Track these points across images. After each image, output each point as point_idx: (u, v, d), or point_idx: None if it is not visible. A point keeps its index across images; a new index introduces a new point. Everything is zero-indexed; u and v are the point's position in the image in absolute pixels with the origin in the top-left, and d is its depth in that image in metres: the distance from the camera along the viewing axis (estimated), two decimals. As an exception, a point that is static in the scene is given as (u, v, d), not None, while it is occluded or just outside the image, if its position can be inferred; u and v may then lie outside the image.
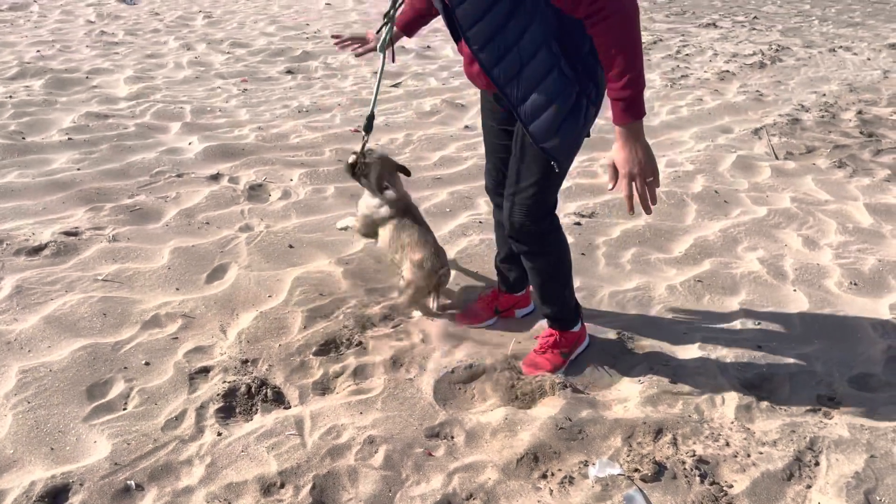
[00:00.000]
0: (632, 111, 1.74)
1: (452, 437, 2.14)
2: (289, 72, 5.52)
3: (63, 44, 5.85)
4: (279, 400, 2.27)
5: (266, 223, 3.28)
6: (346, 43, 2.73)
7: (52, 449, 2.04)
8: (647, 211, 1.81)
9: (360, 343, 2.53)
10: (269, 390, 2.29)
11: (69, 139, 4.05)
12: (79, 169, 3.71)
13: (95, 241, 3.07)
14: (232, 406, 2.23)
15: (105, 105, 4.62)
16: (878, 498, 1.95)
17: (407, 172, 2.71)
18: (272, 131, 4.32)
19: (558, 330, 2.43)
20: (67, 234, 3.10)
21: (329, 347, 2.50)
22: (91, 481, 1.92)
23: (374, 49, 2.58)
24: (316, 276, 2.89)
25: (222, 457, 2.03)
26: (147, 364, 2.39)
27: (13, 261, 2.90)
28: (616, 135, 1.78)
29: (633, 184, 1.77)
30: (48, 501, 1.88)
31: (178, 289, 2.81)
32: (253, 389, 2.29)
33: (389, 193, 2.58)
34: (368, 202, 2.65)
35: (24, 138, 4.03)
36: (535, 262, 2.35)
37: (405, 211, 2.64)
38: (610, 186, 1.85)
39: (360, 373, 2.39)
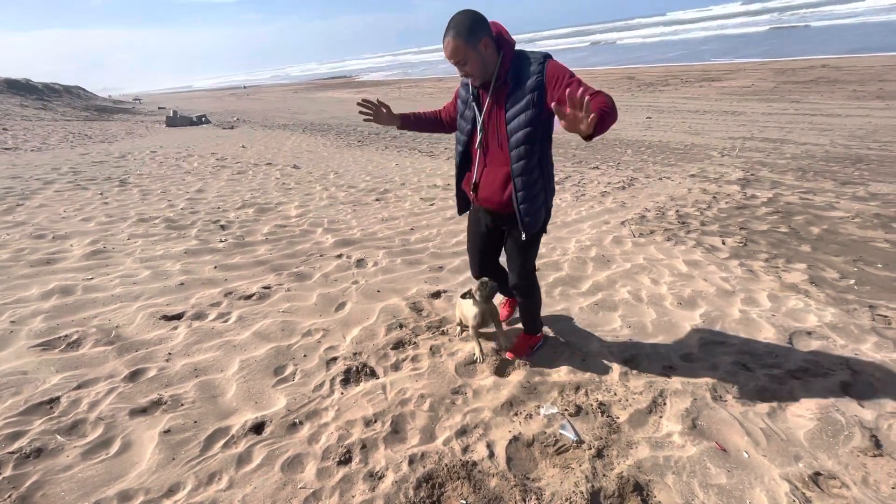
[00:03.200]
0: (600, 127, 1.41)
1: (466, 394, 2.10)
2: (377, 199, 5.60)
3: (263, 190, 6.04)
4: (373, 374, 2.24)
5: (365, 279, 3.29)
6: (367, 109, 2.09)
7: (255, 402, 2.04)
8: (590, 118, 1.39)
9: (414, 343, 2.50)
10: (367, 369, 2.27)
11: (265, 238, 4.14)
12: (271, 253, 3.78)
13: (279, 291, 3.09)
14: (348, 378, 2.21)
15: (284, 220, 4.71)
16: (700, 423, 1.88)
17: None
18: (368, 230, 4.37)
19: (531, 335, 2.34)
20: (264, 287, 3.13)
21: (398, 345, 2.47)
22: (276, 420, 1.93)
23: (382, 122, 2.08)
24: (392, 307, 2.88)
25: (343, 406, 2.02)
26: (305, 356, 2.38)
27: (238, 302, 2.94)
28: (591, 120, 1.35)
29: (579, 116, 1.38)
30: (254, 430, 1.88)
31: (320, 315, 2.80)
32: (359, 368, 2.27)
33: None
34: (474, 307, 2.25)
35: (243, 238, 4.13)
36: (528, 301, 2.20)
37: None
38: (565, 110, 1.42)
39: (415, 359, 2.36)
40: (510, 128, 1.75)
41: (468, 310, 2.30)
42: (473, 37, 1.63)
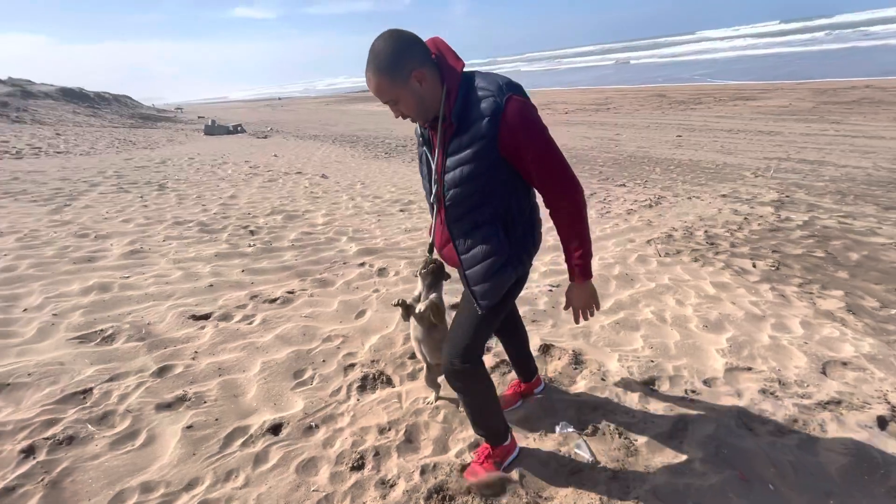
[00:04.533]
0: (584, 274, 1.40)
1: (481, 406, 2.09)
2: (401, 210, 5.68)
3: (292, 197, 6.22)
4: (389, 382, 2.26)
5: (386, 288, 3.34)
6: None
7: (274, 404, 2.09)
8: (584, 320, 1.52)
9: (433, 353, 2.52)
10: (384, 377, 2.29)
11: (292, 245, 4.25)
12: (296, 259, 3.88)
13: (302, 296, 3.16)
14: (365, 385, 2.23)
15: (310, 227, 4.83)
16: (724, 450, 1.82)
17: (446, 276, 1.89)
18: (391, 240, 4.43)
19: (491, 445, 1.70)
20: (289, 292, 3.21)
21: (413, 356, 2.50)
22: (293, 422, 1.96)
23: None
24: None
25: (359, 412, 2.04)
26: (324, 361, 2.42)
27: (262, 306, 3.02)
28: (573, 284, 1.45)
29: (580, 311, 1.48)
30: (272, 430, 1.92)
31: (340, 322, 2.85)
32: (376, 376, 2.29)
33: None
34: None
35: (271, 244, 4.26)
36: (463, 398, 1.61)
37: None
38: (565, 308, 1.54)
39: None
40: (446, 180, 1.35)
41: (414, 333, 1.87)
42: (400, 70, 1.22)
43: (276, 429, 1.91)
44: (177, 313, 2.83)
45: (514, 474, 1.68)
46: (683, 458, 1.78)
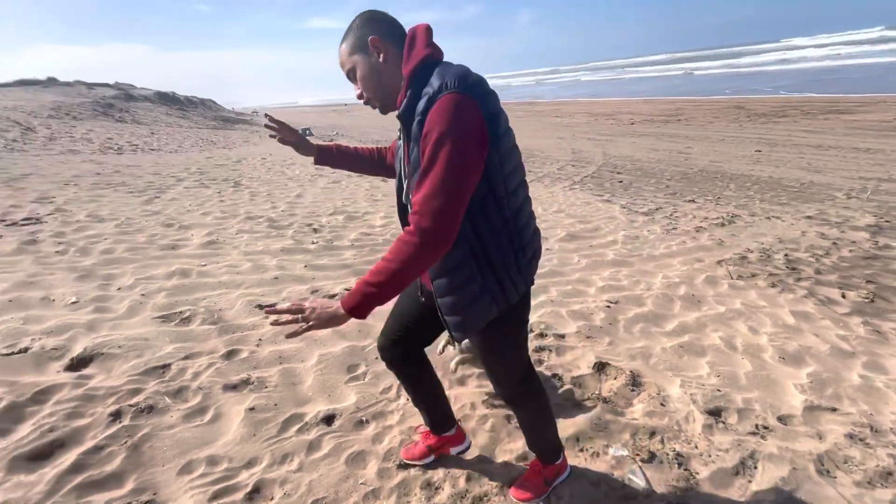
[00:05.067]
0: (350, 302, 1.09)
1: (530, 419, 2.06)
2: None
3: (353, 199, 6.48)
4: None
5: (440, 292, 3.38)
6: (273, 126, 1.55)
7: (329, 395, 2.17)
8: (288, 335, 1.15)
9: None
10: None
11: (352, 244, 4.43)
12: (355, 258, 4.03)
13: (358, 295, 3.29)
14: (415, 386, 2.28)
15: (369, 228, 5.01)
16: (799, 496, 1.65)
17: None
18: (447, 246, 4.49)
19: (542, 463, 1.63)
20: (346, 289, 3.34)
21: (465, 360, 2.49)
22: (345, 414, 2.03)
23: (297, 151, 1.57)
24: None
25: (408, 412, 2.07)
26: (376, 358, 2.48)
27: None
28: (337, 300, 1.14)
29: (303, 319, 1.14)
30: (325, 420, 2.00)
31: (359, 331, 2.92)
32: (426, 378, 2.34)
33: None
34: None
35: (332, 242, 4.46)
36: (523, 414, 1.55)
37: None
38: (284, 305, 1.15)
39: (481, 377, 2.37)
40: (408, 185, 1.18)
41: None
42: (359, 37, 1.13)
43: (329, 419, 2.00)
44: (245, 302, 3.04)
45: (565, 495, 1.64)
46: (750, 498, 1.64)
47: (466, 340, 1.70)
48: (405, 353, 1.57)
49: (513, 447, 1.87)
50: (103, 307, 2.87)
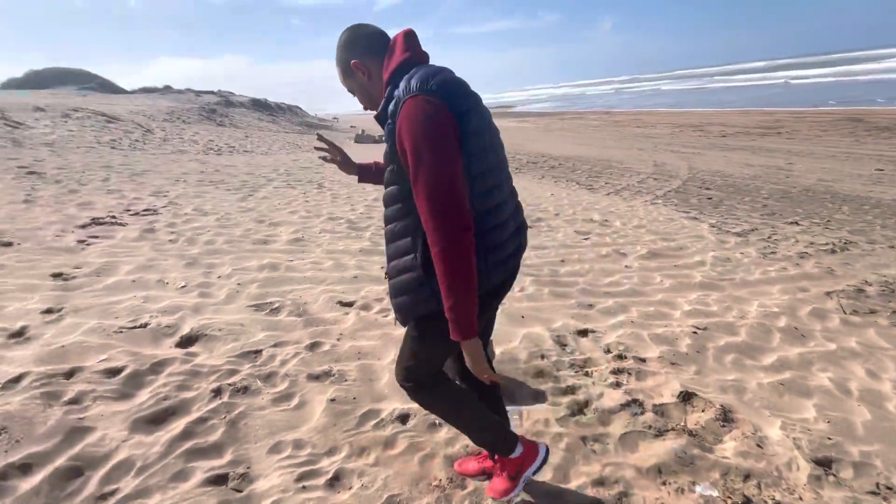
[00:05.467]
0: (456, 331, 1.12)
1: (607, 444, 1.97)
2: (529, 226, 5.64)
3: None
4: (510, 397, 2.28)
5: (510, 303, 3.35)
6: (324, 148, 1.73)
7: (404, 395, 2.23)
8: (488, 383, 1.26)
9: (555, 377, 2.43)
10: (505, 391, 2.31)
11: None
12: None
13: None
14: (487, 395, 2.28)
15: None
16: (934, 575, 1.42)
17: None
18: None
19: (500, 457, 1.59)
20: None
21: (539, 375, 2.45)
22: (420, 415, 2.07)
23: (342, 169, 1.74)
24: (535, 336, 2.87)
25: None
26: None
27: (396, 302, 3.28)
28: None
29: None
30: (401, 419, 2.06)
31: None
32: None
33: None
34: None
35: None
36: (435, 414, 1.59)
37: None
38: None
39: (553, 392, 2.31)
40: (385, 179, 1.27)
41: None
42: (343, 62, 1.26)
43: (404, 418, 2.06)
44: (327, 297, 3.23)
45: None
46: (872, 567, 1.44)
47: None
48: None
49: (589, 470, 1.81)
50: (206, 293, 3.20)
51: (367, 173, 1.73)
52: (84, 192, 5.75)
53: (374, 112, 1.27)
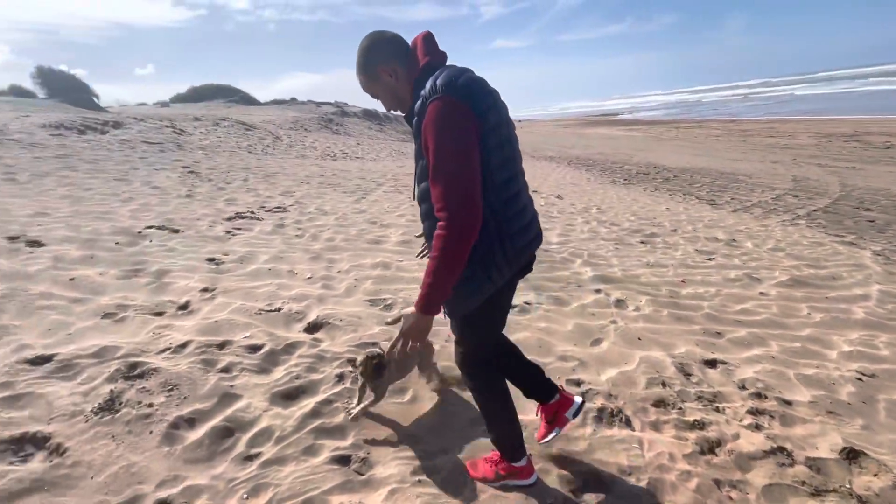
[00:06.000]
0: (423, 305, 1.27)
1: (746, 492, 1.74)
2: (641, 242, 5.30)
3: (528, 213, 6.55)
4: (629, 424, 2.11)
5: (625, 322, 3.15)
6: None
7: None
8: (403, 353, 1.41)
9: (679, 409, 2.23)
10: (623, 416, 2.15)
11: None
12: (533, 273, 4.05)
13: (538, 309, 3.28)
14: (601, 417, 2.14)
15: (546, 245, 4.98)
16: None
17: None
18: (630, 272, 4.18)
19: (500, 453, 1.68)
20: (525, 302, 3.38)
21: (660, 404, 2.26)
22: (531, 427, 2.02)
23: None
24: (654, 360, 2.66)
25: (595, 443, 1.98)
26: (559, 378, 2.42)
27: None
28: (410, 310, 1.36)
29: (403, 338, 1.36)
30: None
31: (575, 344, 2.83)
32: (613, 412, 2.17)
33: None
34: None
35: (509, 254, 4.58)
36: (473, 395, 1.68)
37: None
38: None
39: (679, 426, 2.10)
40: (416, 174, 1.39)
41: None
42: (370, 67, 1.35)
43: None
44: (435, 299, 3.33)
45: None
46: None
47: None
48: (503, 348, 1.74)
49: (725, 520, 1.61)
50: (328, 285, 3.50)
51: None
52: (229, 190, 6.67)
53: (400, 112, 1.41)
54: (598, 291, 3.66)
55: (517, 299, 3.42)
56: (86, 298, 2.93)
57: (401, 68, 1.34)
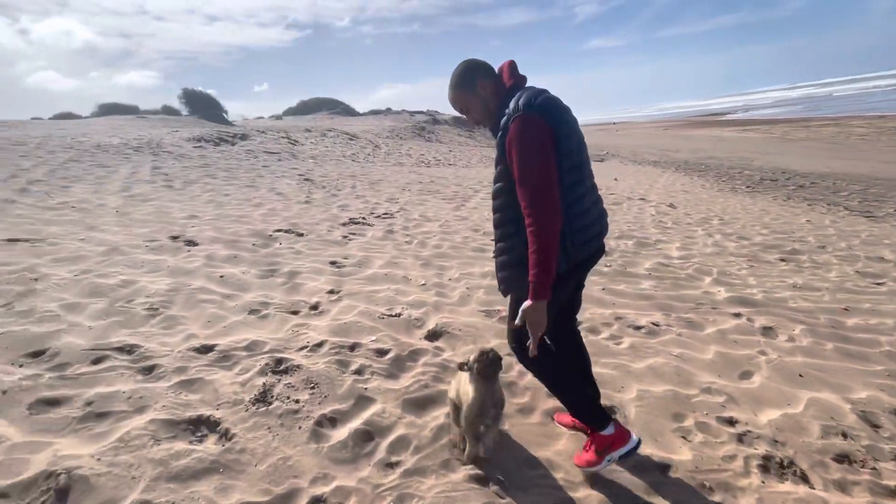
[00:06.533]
0: (533, 293, 1.45)
1: None
2: (782, 259, 4.66)
3: (640, 224, 6.12)
4: (805, 479, 1.81)
5: (779, 354, 2.75)
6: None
7: (656, 440, 2.01)
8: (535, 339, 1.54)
9: (874, 469, 1.86)
10: (797, 469, 1.85)
11: (649, 274, 4.13)
12: (655, 290, 3.74)
13: (668, 332, 3.00)
14: (768, 466, 1.87)
15: (665, 259, 4.60)
16: None
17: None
18: (773, 295, 3.66)
19: (592, 430, 1.75)
20: (653, 323, 3.11)
21: (844, 460, 1.91)
22: (682, 470, 1.82)
23: None
24: (826, 405, 2.27)
25: (767, 499, 1.71)
26: (706, 414, 2.17)
27: (627, 330, 3.03)
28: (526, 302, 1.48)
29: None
30: (660, 469, 1.83)
31: (719, 376, 2.53)
32: (783, 463, 1.89)
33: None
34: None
35: (625, 268, 4.28)
36: (533, 373, 1.86)
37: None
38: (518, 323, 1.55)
39: (874, 491, 1.76)
40: (494, 176, 1.65)
41: (465, 389, 1.78)
42: (467, 82, 1.63)
43: (663, 468, 1.84)
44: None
45: None
46: None
47: None
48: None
49: None
50: (442, 293, 3.53)
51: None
52: (341, 196, 7.14)
53: (482, 125, 1.69)
54: (737, 315, 3.26)
55: (642, 319, 3.16)
56: (234, 295, 3.27)
57: (491, 86, 1.62)
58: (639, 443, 1.71)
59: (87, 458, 1.72)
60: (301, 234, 4.86)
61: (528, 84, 1.61)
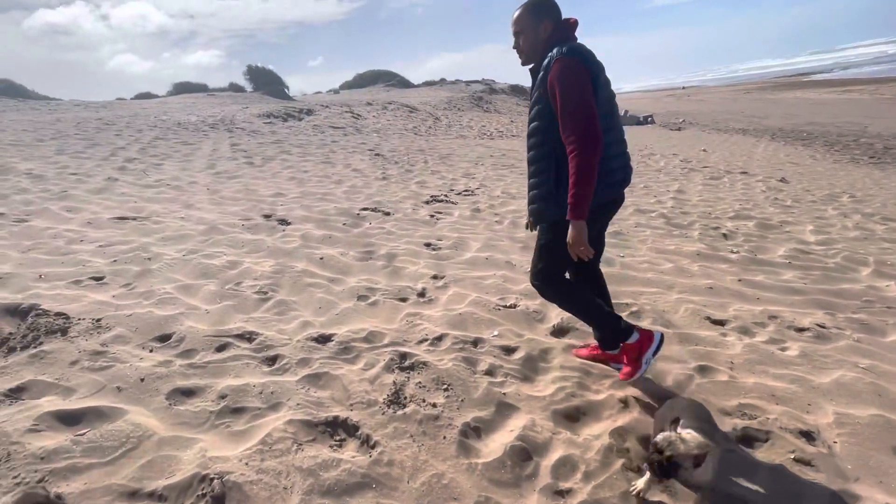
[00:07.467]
0: (572, 212, 1.65)
1: None
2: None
3: (752, 202, 5.45)
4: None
5: None
6: None
7: (880, 481, 1.63)
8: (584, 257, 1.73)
9: None
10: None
11: (788, 263, 3.60)
12: (804, 283, 3.22)
13: (841, 338, 2.53)
14: None
15: (801, 244, 4.01)
16: None
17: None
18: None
19: (622, 342, 1.97)
20: (819, 325, 2.64)
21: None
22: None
23: None
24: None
25: None
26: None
27: (788, 332, 2.60)
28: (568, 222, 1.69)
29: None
30: None
31: (879, 395, 2.07)
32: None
33: None
34: None
35: (755, 255, 3.76)
36: (560, 306, 2.12)
37: None
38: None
39: None
40: (530, 117, 1.82)
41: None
42: (538, 12, 1.77)
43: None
44: (689, 309, 2.80)
45: None
46: None
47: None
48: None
49: None
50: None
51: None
52: (416, 172, 6.91)
53: (522, 54, 1.84)
54: (924, 317, 2.70)
55: (803, 320, 2.69)
56: (338, 279, 3.14)
57: (551, 27, 1.77)
58: (662, 336, 1.95)
59: (236, 463, 1.61)
60: (388, 213, 4.69)
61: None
